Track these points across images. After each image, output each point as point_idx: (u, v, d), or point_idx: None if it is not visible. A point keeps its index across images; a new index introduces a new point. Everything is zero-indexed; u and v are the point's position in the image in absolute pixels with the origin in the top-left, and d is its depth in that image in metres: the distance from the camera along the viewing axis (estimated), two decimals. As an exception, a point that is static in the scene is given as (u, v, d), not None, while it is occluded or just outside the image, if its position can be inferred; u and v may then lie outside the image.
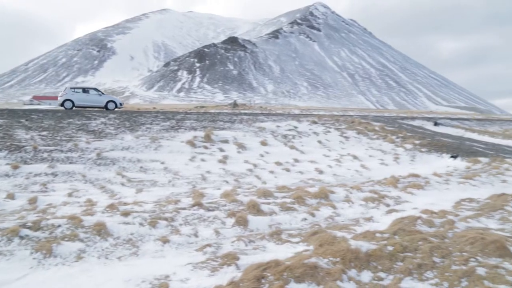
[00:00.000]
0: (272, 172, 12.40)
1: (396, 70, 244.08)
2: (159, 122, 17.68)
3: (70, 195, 8.64)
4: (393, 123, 25.85)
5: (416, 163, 15.38)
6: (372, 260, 4.61)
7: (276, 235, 6.21)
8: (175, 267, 4.97)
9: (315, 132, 19.06)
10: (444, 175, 12.31)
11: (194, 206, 7.56)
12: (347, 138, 18.77)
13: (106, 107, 23.81)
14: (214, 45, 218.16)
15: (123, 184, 10.15)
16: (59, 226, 5.93)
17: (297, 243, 5.82)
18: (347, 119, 23.52)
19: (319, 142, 17.55)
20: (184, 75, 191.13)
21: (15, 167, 10.35)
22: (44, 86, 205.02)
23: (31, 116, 16.77)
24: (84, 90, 24.50)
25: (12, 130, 13.99)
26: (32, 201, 7.87)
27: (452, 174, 12.58)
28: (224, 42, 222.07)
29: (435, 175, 12.05)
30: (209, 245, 5.82)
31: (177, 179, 11.12)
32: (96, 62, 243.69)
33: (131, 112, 20.60)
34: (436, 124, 31.01)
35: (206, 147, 14.67)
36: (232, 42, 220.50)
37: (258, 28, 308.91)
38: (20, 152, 11.69)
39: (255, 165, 13.03)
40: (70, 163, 11.38)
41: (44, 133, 14.06)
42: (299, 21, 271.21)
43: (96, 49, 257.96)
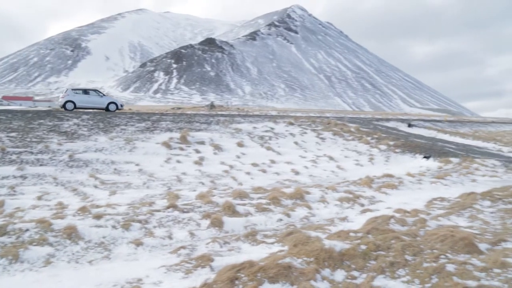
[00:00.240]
0: (248, 173, 12.39)
1: (371, 73, 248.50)
2: (134, 123, 17.39)
3: (39, 198, 8.39)
4: (368, 125, 26.27)
5: (390, 164, 15.66)
6: (346, 259, 4.64)
7: (251, 236, 6.19)
8: (148, 270, 4.88)
9: (291, 134, 19.16)
10: (417, 175, 12.57)
11: (168, 208, 7.47)
12: (323, 139, 18.95)
13: (107, 108, 23.57)
14: (191, 46, 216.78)
15: (96, 187, 9.93)
16: (27, 230, 5.73)
17: (272, 243, 5.82)
18: (323, 121, 23.75)
19: (296, 143, 17.66)
20: (160, 76, 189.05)
21: (-18, 170, 9.97)
22: (14, 86, 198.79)
23: (-1, 117, 16.22)
24: (85, 92, 24.19)
25: (-21, 132, 13.49)
26: (-1, 204, 7.59)
27: (424, 174, 12.87)
28: (201, 43, 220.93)
29: (409, 175, 12.30)
30: (183, 247, 5.74)
31: (152, 181, 10.97)
32: (69, 62, 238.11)
33: (105, 113, 20.19)
34: (409, 125, 31.68)
35: (182, 149, 14.52)
36: (210, 43, 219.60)
37: (235, 29, 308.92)
38: (-13, 154, 11.28)
39: (231, 166, 12.98)
40: (41, 165, 11.06)
41: (13, 134, 13.61)
42: (277, 23, 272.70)
43: (70, 48, 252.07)
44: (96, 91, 24.85)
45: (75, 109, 22.61)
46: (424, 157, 16.27)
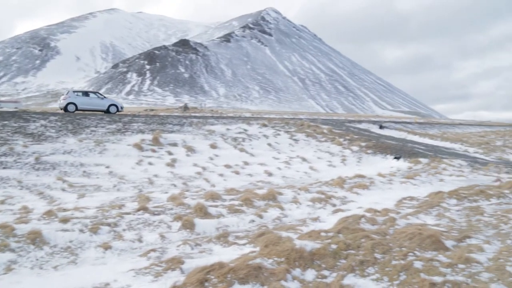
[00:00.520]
0: (221, 175, 12.32)
1: (344, 76, 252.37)
2: (105, 124, 17.01)
3: (2, 202, 8.07)
4: (341, 126, 26.65)
5: (362, 164, 15.92)
6: (316, 259, 4.66)
7: (223, 237, 6.14)
8: (116, 274, 4.76)
9: (265, 135, 19.20)
10: (388, 175, 12.82)
11: (139, 210, 7.33)
12: (296, 140, 19.08)
13: (108, 110, 23.54)
14: (165, 47, 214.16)
15: (63, 190, 9.64)
16: (-13, 235, 5.49)
17: (244, 245, 5.79)
18: (296, 122, 23.93)
19: (269, 144, 17.70)
20: (133, 77, 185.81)
21: None
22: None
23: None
24: (86, 94, 24.28)
25: None
26: (-41, 209, 7.25)
27: (395, 174, 13.14)
28: (175, 45, 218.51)
29: (380, 176, 12.53)
30: (153, 250, 5.64)
31: (122, 183, 10.75)
32: (38, 61, 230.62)
33: (74, 114, 19.67)
34: (381, 127, 32.35)
35: (154, 150, 14.31)
36: (184, 44, 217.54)
37: (210, 31, 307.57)
38: None
39: (204, 168, 12.89)
40: (4, 168, 10.64)
41: (-25, 136, 13.05)
42: (251, 25, 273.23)
43: (38, 48, 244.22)
44: (97, 93, 24.86)
45: (77, 111, 22.67)
46: (395, 157, 16.62)
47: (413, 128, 37.89)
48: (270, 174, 12.94)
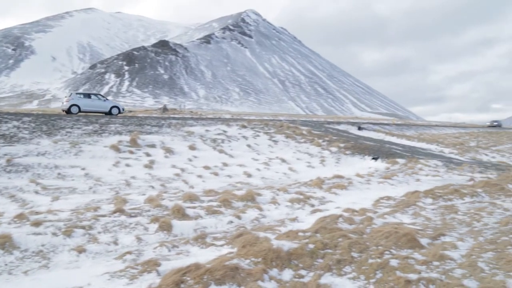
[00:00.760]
0: (200, 176, 12.22)
1: (324, 78, 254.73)
2: (81, 126, 16.65)
3: (-29, 205, 7.77)
4: (320, 128, 26.85)
5: (340, 165, 16.06)
6: (294, 259, 4.66)
7: (201, 239, 6.07)
8: (90, 277, 4.65)
9: (244, 136, 19.17)
10: (366, 175, 12.98)
11: (115, 212, 7.19)
12: (275, 142, 19.12)
13: (110, 112, 24.19)
14: (144, 48, 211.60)
15: (37, 192, 9.38)
16: (-47, 240, 5.27)
17: (221, 246, 5.74)
18: (276, 124, 24.00)
19: (248, 146, 17.68)
20: (111, 78, 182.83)
21: None
22: None
23: None
24: (88, 96, 24.73)
25: None
26: None
27: (373, 175, 13.30)
28: (154, 46, 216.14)
29: (358, 176, 12.66)
30: (129, 252, 5.54)
31: (99, 185, 10.54)
32: (11, 61, 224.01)
33: (49, 115, 19.20)
34: (359, 128, 32.77)
35: (132, 152, 14.09)
36: (163, 45, 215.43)
37: (189, 32, 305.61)
38: None
39: (182, 169, 12.76)
40: (-26, 170, 10.28)
41: None
42: (231, 27, 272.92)
43: (11, 47, 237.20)
44: (98, 95, 25.34)
45: (80, 112, 23.10)
46: (373, 158, 16.84)
47: (391, 129, 38.55)
48: (249, 175, 12.91)
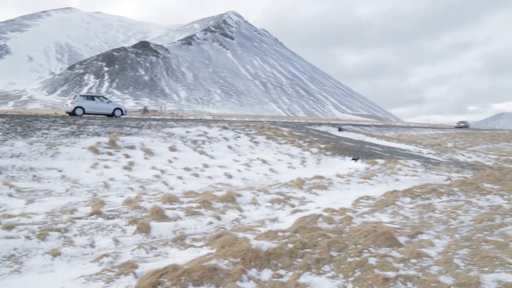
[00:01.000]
0: (180, 177, 12.10)
1: (305, 80, 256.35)
2: (58, 127, 16.29)
3: None
4: (301, 129, 26.99)
5: (321, 166, 16.16)
6: (273, 258, 4.64)
7: (180, 240, 6.00)
8: (64, 281, 4.53)
9: (225, 138, 19.10)
10: (346, 176, 13.08)
11: (92, 215, 7.04)
12: (256, 143, 19.11)
13: (113, 113, 24.82)
14: (124, 49, 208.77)
15: (10, 195, 9.10)
16: None
17: (201, 247, 5.68)
18: (257, 125, 24.01)
19: (229, 147, 17.62)
20: (91, 79, 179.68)
21: None
22: None
23: None
24: (92, 98, 25.18)
25: None
26: None
27: (353, 175, 13.42)
28: (135, 46, 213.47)
29: (338, 176, 12.75)
30: (106, 255, 5.42)
31: (76, 187, 10.32)
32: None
33: (24, 116, 18.72)
34: (340, 129, 33.08)
35: (111, 154, 13.85)
36: (144, 46, 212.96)
37: (171, 33, 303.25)
38: None
39: (162, 171, 12.61)
40: None
41: None
42: (213, 28, 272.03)
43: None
44: (102, 97, 25.85)
45: (84, 114, 23.50)
46: (353, 159, 17.00)
47: (370, 130, 39.04)
48: (230, 177, 12.86)
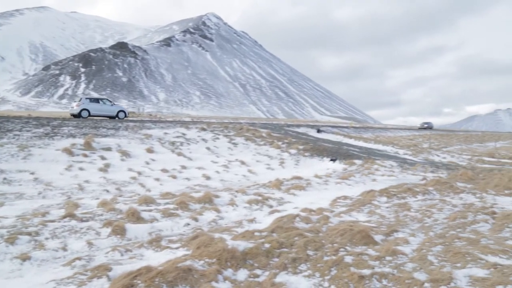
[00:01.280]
0: (157, 179, 11.94)
1: (284, 82, 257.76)
2: (31, 128, 15.85)
3: None
4: (279, 130, 27.08)
5: (300, 167, 16.24)
6: (249, 258, 4.61)
7: (156, 242, 5.90)
8: (34, 286, 4.39)
9: (203, 139, 18.99)
10: (324, 176, 13.18)
11: (65, 217, 6.85)
12: (235, 144, 19.06)
13: (117, 115, 25.58)
14: (102, 49, 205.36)
15: (-22, 199, 8.77)
16: None
17: (177, 248, 5.59)
18: (235, 126, 23.96)
19: (208, 148, 17.51)
20: (67, 80, 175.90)
21: None
22: None
23: None
24: (97, 100, 25.98)
25: None
26: None
27: (331, 176, 13.53)
28: (112, 47, 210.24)
29: (316, 177, 12.84)
30: (79, 258, 5.28)
31: (49, 190, 10.03)
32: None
33: (-4, 117, 18.15)
34: (318, 131, 33.37)
35: (86, 155, 13.56)
36: (122, 47, 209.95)
37: (149, 34, 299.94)
38: None
39: (139, 172, 12.42)
40: None
41: None
42: (192, 30, 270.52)
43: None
44: (106, 99, 26.54)
45: (89, 116, 24.18)
46: (331, 160, 17.16)
47: (349, 132, 39.54)
48: (208, 178, 12.77)
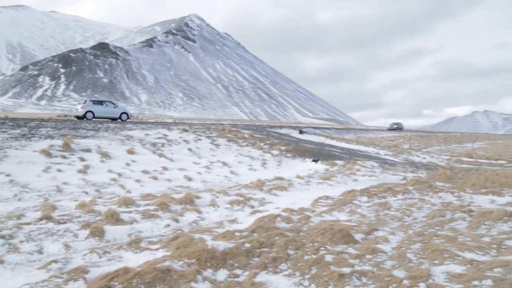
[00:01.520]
0: (138, 180, 11.78)
1: (267, 84, 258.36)
2: (7, 129, 15.45)
3: None
4: (262, 131, 27.10)
5: (282, 168, 16.27)
6: (229, 258, 4.57)
7: (135, 243, 5.81)
8: (7, 290, 4.24)
9: (185, 140, 18.84)
10: (306, 177, 13.23)
11: (41, 220, 6.68)
12: (217, 145, 18.98)
13: (120, 117, 26.20)
14: (82, 50, 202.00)
15: (-50, 202, 8.49)
16: None
17: (156, 249, 5.51)
18: (218, 127, 23.87)
19: (190, 150, 17.38)
20: (46, 81, 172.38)
21: None
22: None
23: None
24: (101, 103, 26.57)
25: None
26: None
27: (313, 176, 13.59)
28: (93, 48, 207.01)
29: (298, 177, 12.87)
30: (55, 261, 5.15)
31: (25, 192, 9.77)
32: None
33: (-30, 118, 17.63)
34: (301, 132, 33.54)
35: (65, 157, 13.28)
36: (103, 48, 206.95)
37: (131, 35, 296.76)
38: None
39: (120, 174, 12.23)
40: None
41: None
42: (174, 31, 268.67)
43: None
44: (109, 102, 27.04)
45: (94, 118, 24.64)
46: (313, 160, 17.25)
47: (331, 133, 39.86)
48: (190, 179, 12.66)
